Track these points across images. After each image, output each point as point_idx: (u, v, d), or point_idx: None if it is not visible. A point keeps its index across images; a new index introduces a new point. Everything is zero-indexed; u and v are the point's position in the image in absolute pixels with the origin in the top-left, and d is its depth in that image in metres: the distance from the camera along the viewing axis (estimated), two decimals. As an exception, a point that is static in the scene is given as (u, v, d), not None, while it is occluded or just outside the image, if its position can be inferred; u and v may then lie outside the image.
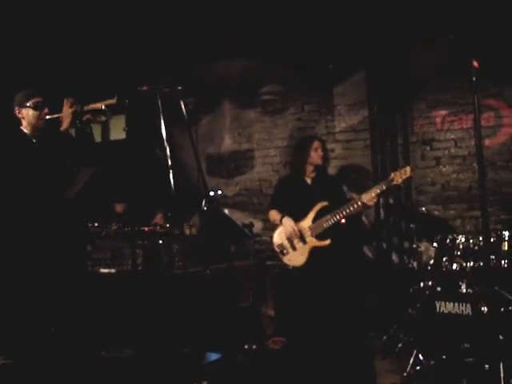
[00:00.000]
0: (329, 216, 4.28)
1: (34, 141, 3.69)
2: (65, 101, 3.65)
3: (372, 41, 5.92)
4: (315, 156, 4.47)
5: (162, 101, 3.54)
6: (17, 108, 3.70)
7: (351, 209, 4.21)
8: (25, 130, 3.69)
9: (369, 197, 4.16)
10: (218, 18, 5.75)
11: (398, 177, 4.14)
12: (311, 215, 4.38)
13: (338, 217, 4.25)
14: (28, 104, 3.66)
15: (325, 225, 4.29)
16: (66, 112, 3.63)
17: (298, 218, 4.42)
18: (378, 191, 4.17)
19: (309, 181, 4.55)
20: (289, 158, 4.85)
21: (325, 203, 4.36)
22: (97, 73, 6.31)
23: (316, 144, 4.52)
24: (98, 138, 6.18)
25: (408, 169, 4.16)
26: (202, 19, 5.76)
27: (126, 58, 6.30)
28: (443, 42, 5.58)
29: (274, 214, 4.59)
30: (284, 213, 4.49)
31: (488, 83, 5.45)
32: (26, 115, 3.67)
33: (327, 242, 4.28)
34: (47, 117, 3.69)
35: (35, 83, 4.10)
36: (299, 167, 4.55)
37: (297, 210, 4.45)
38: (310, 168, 4.53)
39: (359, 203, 4.18)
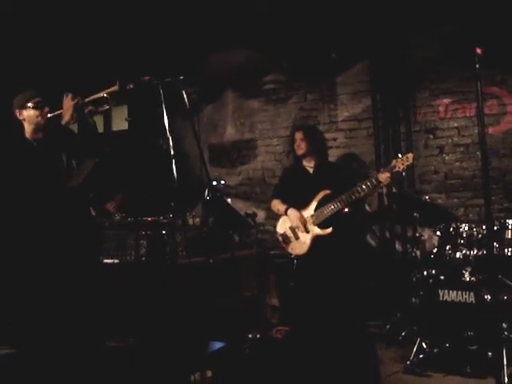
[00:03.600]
0: (331, 203, 4.28)
1: (36, 144, 3.64)
2: (64, 95, 3.61)
3: (375, 30, 5.88)
4: (295, 147, 4.58)
5: (164, 90, 3.53)
6: (17, 110, 3.65)
7: (359, 191, 4.19)
8: (27, 136, 3.66)
9: (385, 176, 4.14)
10: (220, 8, 5.72)
11: (400, 163, 4.14)
12: (313, 204, 4.39)
13: (341, 204, 4.25)
14: (28, 105, 3.62)
15: (327, 213, 4.30)
16: (67, 105, 3.58)
17: (300, 207, 4.44)
18: (393, 170, 4.16)
19: (311, 170, 4.56)
20: (291, 147, 4.85)
21: (327, 192, 4.36)
22: (98, 65, 6.28)
23: (296, 135, 4.60)
24: (100, 129, 6.17)
25: (410, 155, 4.15)
26: (204, 8, 5.73)
27: (129, 48, 6.27)
28: (446, 30, 5.55)
29: (277, 204, 4.61)
30: (287, 203, 4.51)
31: (491, 71, 5.42)
32: (28, 116, 3.63)
33: (329, 230, 4.30)
34: (49, 115, 3.64)
35: (34, 80, 4.05)
36: (296, 157, 4.65)
37: (299, 199, 4.46)
38: (303, 158, 4.57)
39: (374, 182, 4.15)
